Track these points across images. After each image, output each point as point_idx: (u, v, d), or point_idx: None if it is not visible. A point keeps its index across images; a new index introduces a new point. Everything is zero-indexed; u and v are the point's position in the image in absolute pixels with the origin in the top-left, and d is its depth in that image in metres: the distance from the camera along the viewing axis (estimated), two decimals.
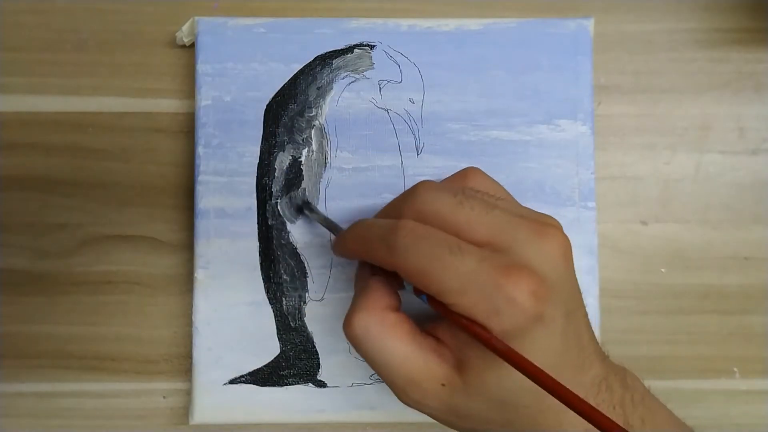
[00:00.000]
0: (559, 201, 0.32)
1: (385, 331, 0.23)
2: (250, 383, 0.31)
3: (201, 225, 0.32)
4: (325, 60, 0.32)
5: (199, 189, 0.32)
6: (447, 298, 0.22)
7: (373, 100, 0.32)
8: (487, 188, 0.25)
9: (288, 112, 0.32)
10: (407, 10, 0.34)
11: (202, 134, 0.32)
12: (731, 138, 0.34)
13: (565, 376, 0.20)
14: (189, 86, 0.33)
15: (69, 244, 0.33)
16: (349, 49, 0.32)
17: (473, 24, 0.32)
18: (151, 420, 0.33)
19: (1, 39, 0.33)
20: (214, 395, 0.31)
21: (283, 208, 0.32)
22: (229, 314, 0.31)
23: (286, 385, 0.31)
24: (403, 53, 0.32)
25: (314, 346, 0.32)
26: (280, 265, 0.32)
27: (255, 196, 0.32)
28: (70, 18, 0.33)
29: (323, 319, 0.32)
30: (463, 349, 0.23)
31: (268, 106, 0.32)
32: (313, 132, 0.32)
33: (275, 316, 0.32)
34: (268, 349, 0.31)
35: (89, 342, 0.33)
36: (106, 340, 0.33)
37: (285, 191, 0.32)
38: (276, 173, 0.32)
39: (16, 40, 0.33)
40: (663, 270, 0.33)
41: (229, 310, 0.31)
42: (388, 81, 0.32)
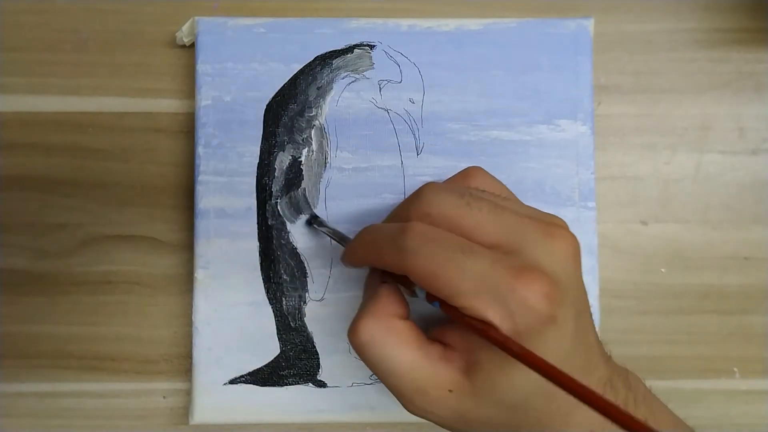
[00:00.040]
0: (559, 201, 0.32)
1: (392, 339, 0.23)
2: (250, 383, 0.31)
3: (201, 225, 0.32)
4: (325, 60, 0.32)
5: (199, 189, 0.32)
6: (459, 301, 0.21)
7: (373, 100, 0.32)
8: (491, 188, 0.25)
9: (288, 112, 0.32)
10: (407, 10, 0.34)
11: (202, 134, 0.32)
12: (731, 138, 0.34)
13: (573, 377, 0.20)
14: (189, 86, 0.33)
15: (69, 244, 0.33)
16: (349, 49, 0.32)
17: (473, 24, 0.32)
18: (151, 420, 0.33)
19: (1, 39, 0.33)
20: (214, 395, 0.31)
21: (283, 208, 0.32)
22: (229, 314, 0.31)
23: (286, 385, 0.31)
24: (403, 53, 0.32)
25: (314, 346, 0.32)
26: (280, 265, 0.32)
27: (255, 196, 0.32)
28: (70, 18, 0.33)
29: (323, 319, 0.32)
30: (473, 352, 0.23)
31: (268, 106, 0.32)
32: (313, 132, 0.32)
33: (275, 316, 0.32)
34: (268, 349, 0.31)
35: (89, 342, 0.33)
36: (106, 340, 0.33)
37: (285, 191, 0.32)
38: (276, 173, 0.32)
39: (16, 40, 0.33)
40: (663, 270, 0.33)
41: (229, 310, 0.31)
42: (388, 81, 0.32)
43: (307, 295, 0.32)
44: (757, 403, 0.33)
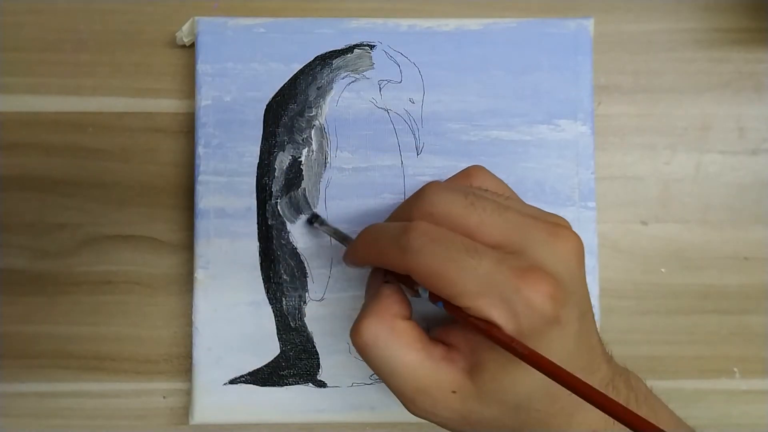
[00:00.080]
0: (559, 201, 0.32)
1: (394, 339, 0.23)
2: (250, 383, 0.31)
3: (201, 225, 0.32)
4: (325, 60, 0.32)
5: (199, 189, 0.32)
6: (463, 301, 0.21)
7: (373, 100, 0.32)
8: (493, 187, 0.25)
9: (288, 112, 0.32)
10: (407, 10, 0.34)
11: (202, 134, 0.32)
12: (731, 138, 0.34)
13: None
14: (189, 86, 0.33)
15: (69, 244, 0.33)
16: (349, 49, 0.32)
17: (473, 24, 0.32)
18: (151, 420, 0.33)
19: (1, 39, 0.33)
20: (214, 395, 0.31)
21: (283, 208, 0.32)
22: (229, 314, 0.31)
23: (286, 385, 0.31)
24: (403, 53, 0.32)
25: (314, 346, 0.32)
26: (280, 265, 0.32)
27: (255, 196, 0.32)
28: (70, 18, 0.33)
29: (323, 319, 0.32)
30: (476, 353, 0.23)
31: (268, 106, 0.32)
32: (313, 132, 0.32)
33: (275, 316, 0.32)
34: (268, 349, 0.31)
35: (89, 342, 0.33)
36: (106, 340, 0.33)
37: (285, 191, 0.32)
38: (276, 173, 0.32)
39: (16, 40, 0.33)
40: (663, 270, 0.33)
41: (229, 310, 0.31)
42: (388, 81, 0.32)
43: (307, 295, 0.32)
44: (757, 403, 0.33)
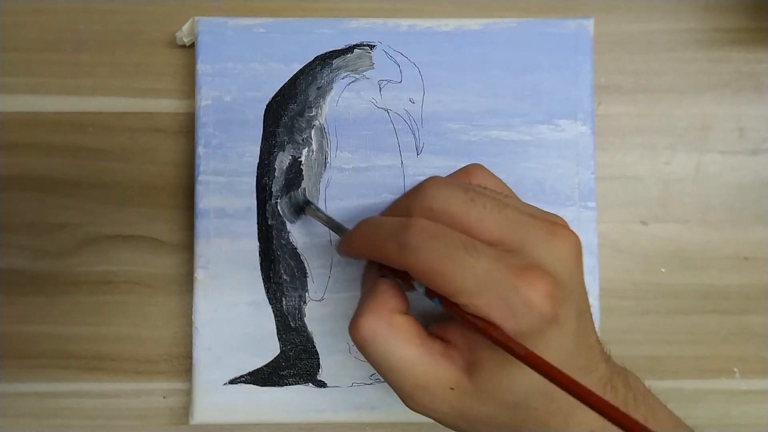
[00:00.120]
0: (559, 201, 0.32)
1: (393, 335, 0.23)
2: (250, 383, 0.31)
3: (201, 225, 0.32)
4: (325, 60, 0.32)
5: (199, 189, 0.32)
6: (461, 299, 0.21)
7: (373, 100, 0.32)
8: (492, 185, 0.25)
9: (288, 112, 0.32)
10: (407, 10, 0.34)
11: (202, 134, 0.32)
12: (731, 138, 0.34)
13: (574, 378, 0.20)
14: (189, 86, 0.33)
15: (69, 244, 0.33)
16: (349, 49, 0.32)
17: (473, 24, 0.32)
18: (151, 420, 0.33)
19: (1, 39, 0.33)
20: (214, 395, 0.31)
21: (283, 208, 0.32)
22: (229, 314, 0.31)
23: (286, 385, 0.31)
24: (403, 53, 0.32)
25: (314, 346, 0.32)
26: (280, 265, 0.32)
27: (255, 196, 0.32)
28: (70, 18, 0.33)
29: (323, 319, 0.32)
30: (474, 351, 0.23)
31: (268, 106, 0.32)
32: (313, 132, 0.32)
33: (275, 316, 0.32)
34: (268, 349, 0.31)
35: (89, 342, 0.33)
36: (106, 340, 0.33)
37: (285, 191, 0.32)
38: (276, 173, 0.32)
39: (16, 40, 0.33)
40: (663, 270, 0.33)
41: (229, 310, 0.31)
42: (388, 81, 0.32)
43: (307, 295, 0.32)
44: (757, 403, 0.33)
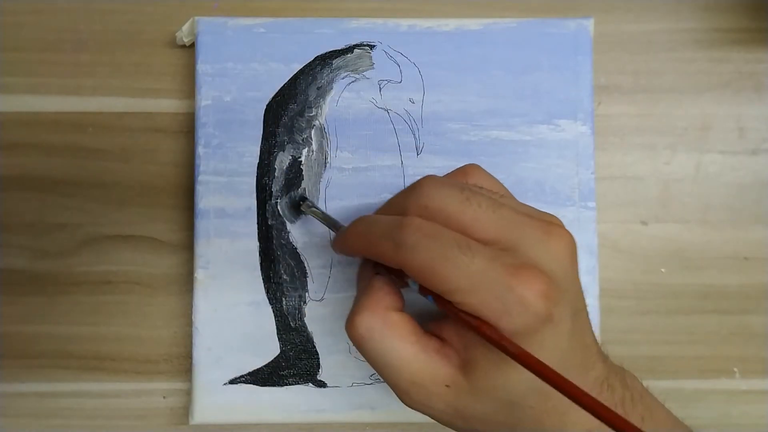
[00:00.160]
0: (559, 201, 0.32)
1: (389, 332, 0.23)
2: (250, 383, 0.31)
3: (201, 225, 0.32)
4: (325, 60, 0.32)
5: (199, 189, 0.32)
6: (455, 297, 0.21)
7: (373, 100, 0.32)
8: (488, 185, 0.25)
9: (288, 112, 0.32)
10: (407, 10, 0.34)
11: (202, 134, 0.32)
12: (731, 138, 0.34)
13: (571, 376, 0.20)
14: (189, 86, 0.33)
15: (69, 244, 0.33)
16: (349, 49, 0.32)
17: (473, 24, 0.32)
18: (151, 420, 0.33)
19: (1, 39, 0.33)
20: (214, 395, 0.31)
21: (283, 208, 0.32)
22: (229, 314, 0.31)
23: (286, 385, 0.31)
24: (403, 53, 0.32)
25: (314, 346, 0.32)
26: (280, 265, 0.32)
27: (255, 196, 0.32)
28: (70, 18, 0.33)
29: (323, 319, 0.32)
30: (469, 349, 0.23)
31: (268, 106, 0.32)
32: (313, 132, 0.32)
33: (275, 316, 0.32)
34: (268, 349, 0.31)
35: (89, 342, 0.33)
36: (106, 340, 0.33)
37: (285, 191, 0.32)
38: (276, 173, 0.32)
39: (16, 40, 0.33)
40: (663, 270, 0.33)
41: (229, 310, 0.31)
42: (388, 81, 0.32)
43: (307, 295, 0.32)
44: (757, 403, 0.33)
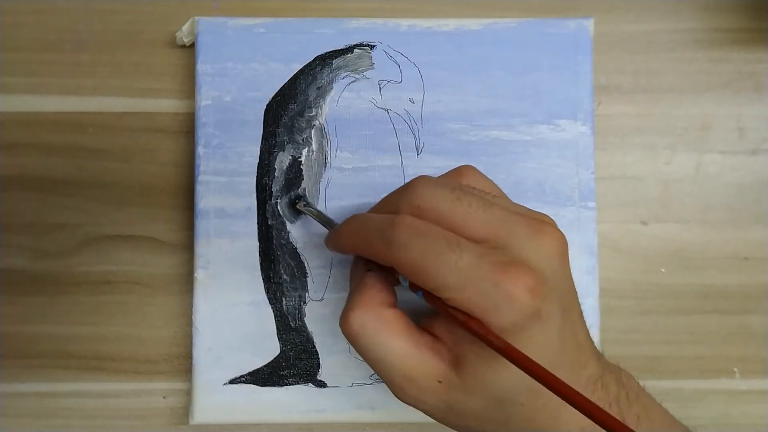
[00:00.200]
0: (559, 201, 0.32)
1: (382, 328, 0.23)
2: (250, 383, 0.31)
3: (201, 225, 0.32)
4: (325, 60, 0.32)
5: (199, 189, 0.32)
6: (444, 294, 0.22)
7: (373, 100, 0.32)
8: (482, 186, 0.25)
9: (288, 112, 0.32)
10: (407, 10, 0.34)
11: (202, 134, 0.32)
12: (731, 138, 0.34)
13: (562, 374, 0.21)
14: (189, 86, 0.33)
15: (69, 244, 0.33)
16: (349, 49, 0.32)
17: (473, 24, 0.32)
18: (151, 420, 0.33)
19: (1, 39, 0.33)
20: (214, 395, 0.31)
21: (283, 208, 0.32)
22: (229, 314, 0.31)
23: (286, 385, 0.31)
24: (403, 53, 0.32)
25: (314, 346, 0.32)
26: (280, 265, 0.32)
27: (255, 196, 0.32)
28: (70, 18, 0.33)
29: (323, 319, 0.32)
30: (459, 345, 0.23)
31: (268, 106, 0.32)
32: (313, 132, 0.32)
33: (275, 316, 0.32)
34: (268, 349, 0.31)
35: (89, 342, 0.33)
36: (106, 340, 0.33)
37: (285, 191, 0.32)
38: (276, 173, 0.32)
39: (16, 40, 0.33)
40: (663, 270, 0.33)
41: (229, 310, 0.31)
42: (388, 81, 0.32)
43: (307, 295, 0.32)
44: (757, 403, 0.33)
